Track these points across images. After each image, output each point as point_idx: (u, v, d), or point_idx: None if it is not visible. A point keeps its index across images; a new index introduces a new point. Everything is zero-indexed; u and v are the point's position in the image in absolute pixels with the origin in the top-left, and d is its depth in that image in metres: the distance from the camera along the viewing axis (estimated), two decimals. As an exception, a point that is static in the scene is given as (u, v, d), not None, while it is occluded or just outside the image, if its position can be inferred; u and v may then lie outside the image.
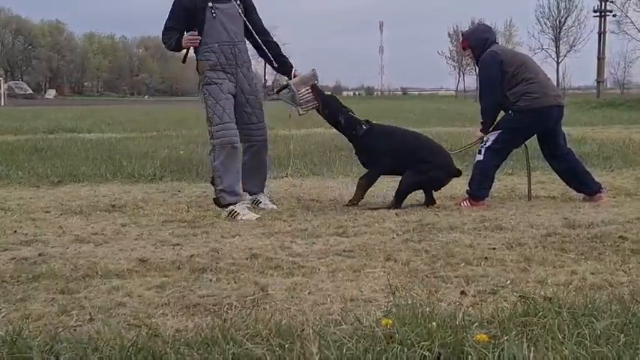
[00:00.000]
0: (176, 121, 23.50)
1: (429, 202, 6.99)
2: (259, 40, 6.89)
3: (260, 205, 6.89)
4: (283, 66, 7.08)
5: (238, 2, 6.69)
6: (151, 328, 3.18)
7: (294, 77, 6.97)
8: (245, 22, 6.75)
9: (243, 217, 6.29)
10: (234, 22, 6.66)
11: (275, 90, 6.97)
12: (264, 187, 7.11)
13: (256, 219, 6.26)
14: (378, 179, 7.05)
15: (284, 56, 7.14)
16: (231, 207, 6.42)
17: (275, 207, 6.89)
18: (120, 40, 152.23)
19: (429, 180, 6.83)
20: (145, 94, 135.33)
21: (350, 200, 6.92)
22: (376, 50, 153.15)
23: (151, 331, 3.11)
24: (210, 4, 6.51)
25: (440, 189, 7.03)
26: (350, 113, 7.07)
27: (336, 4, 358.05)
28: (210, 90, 6.58)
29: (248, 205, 6.68)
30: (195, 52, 6.70)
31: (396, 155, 6.85)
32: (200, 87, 6.64)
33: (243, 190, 6.80)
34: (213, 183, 6.62)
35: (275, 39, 7.19)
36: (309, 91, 6.93)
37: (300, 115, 7.04)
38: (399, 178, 6.86)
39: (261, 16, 6.92)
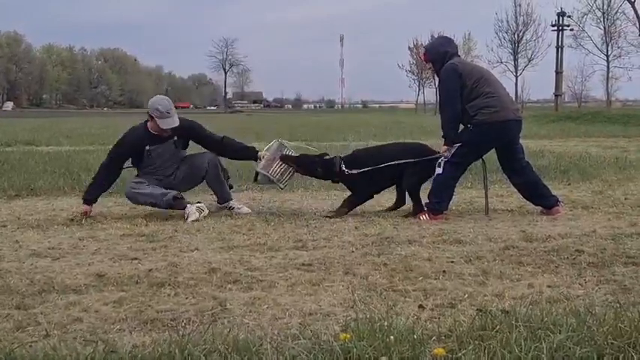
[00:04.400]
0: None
1: (399, 204, 7.40)
2: (219, 149, 7.62)
3: (234, 210, 7.36)
4: (248, 154, 7.64)
5: (175, 139, 7.41)
6: (107, 344, 3.15)
7: (262, 158, 7.37)
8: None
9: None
10: (170, 157, 7.45)
11: (253, 180, 7.50)
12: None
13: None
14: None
15: (244, 146, 7.70)
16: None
17: (249, 210, 7.39)
18: (79, 51, 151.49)
19: (425, 171, 7.17)
20: (104, 107, 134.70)
21: (334, 212, 7.18)
22: (337, 63, 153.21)
23: (107, 347, 3.09)
24: (147, 147, 7.31)
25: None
26: (325, 158, 7.41)
27: (298, 15, 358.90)
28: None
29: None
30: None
31: (382, 172, 7.14)
32: None
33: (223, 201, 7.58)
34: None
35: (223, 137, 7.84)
36: (281, 164, 7.31)
37: (282, 188, 7.51)
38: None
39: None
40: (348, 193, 7.35)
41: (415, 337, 3.02)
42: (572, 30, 63.39)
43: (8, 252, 5.42)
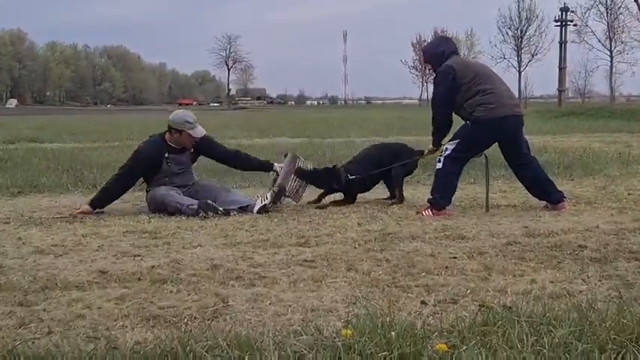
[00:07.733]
0: (139, 130, 23.29)
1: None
2: (235, 162, 8.00)
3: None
4: (262, 167, 7.91)
5: (191, 151, 7.62)
6: (109, 341, 3.16)
7: (278, 172, 7.54)
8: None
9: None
10: (187, 167, 7.64)
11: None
12: None
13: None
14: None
15: (259, 160, 8.00)
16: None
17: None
18: (82, 49, 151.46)
19: (407, 169, 7.99)
20: (107, 104, 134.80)
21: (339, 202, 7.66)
22: (340, 60, 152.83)
23: (109, 344, 3.09)
24: (166, 155, 7.42)
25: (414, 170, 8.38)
26: (335, 169, 7.80)
27: (300, 15, 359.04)
28: None
29: None
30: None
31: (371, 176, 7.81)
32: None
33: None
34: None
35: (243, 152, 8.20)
36: (295, 178, 7.47)
37: (298, 202, 7.58)
38: None
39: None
40: None
41: (417, 332, 3.02)
42: (575, 25, 63.44)
43: (11, 249, 5.42)
